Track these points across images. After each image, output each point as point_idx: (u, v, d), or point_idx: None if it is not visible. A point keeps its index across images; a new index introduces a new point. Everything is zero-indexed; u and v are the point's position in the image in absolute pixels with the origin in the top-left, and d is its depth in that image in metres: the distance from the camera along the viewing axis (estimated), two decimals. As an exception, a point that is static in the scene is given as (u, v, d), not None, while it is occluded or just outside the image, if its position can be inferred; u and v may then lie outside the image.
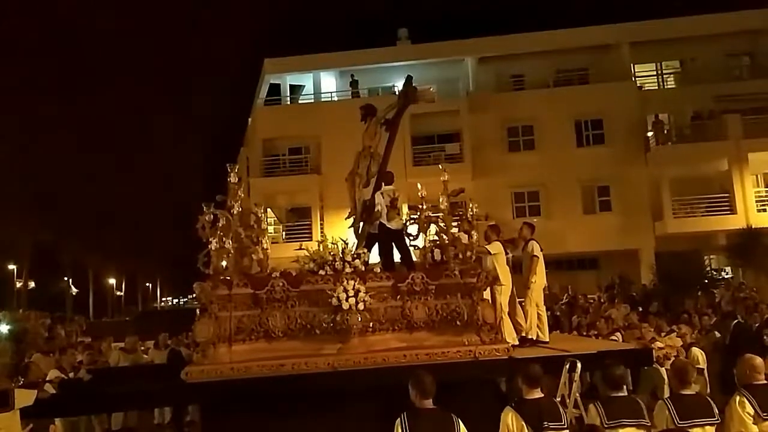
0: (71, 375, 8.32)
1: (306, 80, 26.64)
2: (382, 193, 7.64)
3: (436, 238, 7.28)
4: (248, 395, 6.02)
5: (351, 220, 8.36)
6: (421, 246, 7.44)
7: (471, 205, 7.15)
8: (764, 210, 21.46)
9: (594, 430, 3.81)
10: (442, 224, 7.12)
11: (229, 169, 6.78)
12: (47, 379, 7.51)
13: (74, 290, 42.74)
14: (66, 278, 43.73)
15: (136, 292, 63.46)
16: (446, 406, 4.34)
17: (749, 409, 4.37)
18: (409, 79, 8.63)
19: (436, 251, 7.24)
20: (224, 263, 6.41)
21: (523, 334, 7.77)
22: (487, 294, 7.11)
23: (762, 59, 24.06)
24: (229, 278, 6.36)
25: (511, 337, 7.42)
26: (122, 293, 59.32)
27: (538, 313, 8.01)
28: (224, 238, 6.44)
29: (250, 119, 27.16)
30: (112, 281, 56.04)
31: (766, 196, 22.08)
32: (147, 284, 69.95)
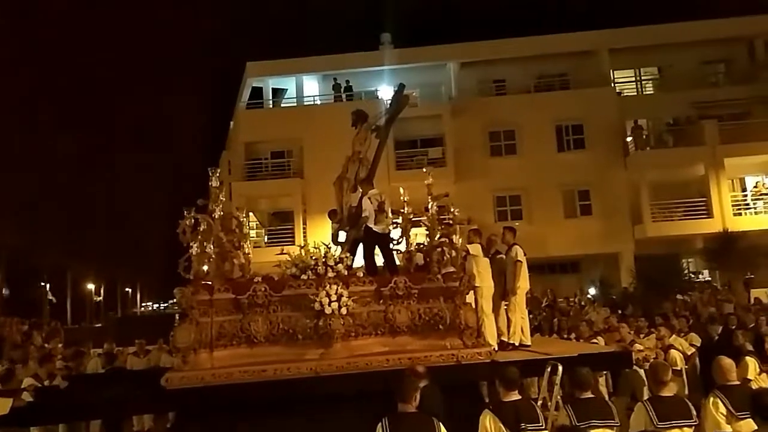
0: (47, 383, 8.14)
1: (289, 84, 26.56)
2: (369, 198, 7.65)
3: (420, 242, 7.31)
4: (230, 401, 5.96)
5: (332, 233, 8.37)
6: (404, 250, 7.46)
7: (453, 209, 7.18)
8: (740, 214, 21.86)
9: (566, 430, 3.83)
10: (426, 228, 7.15)
11: (210, 173, 6.73)
12: (22, 386, 7.36)
13: (52, 298, 41.92)
14: (43, 284, 42.89)
15: (116, 297, 62.48)
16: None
17: (722, 409, 4.47)
18: (401, 87, 8.69)
19: (419, 255, 7.27)
20: (205, 268, 6.37)
21: (503, 339, 7.79)
22: (470, 297, 7.15)
23: (737, 66, 24.60)
24: (210, 283, 6.32)
25: (493, 340, 7.45)
26: (101, 299, 58.32)
27: (521, 317, 8.04)
28: (205, 243, 6.40)
29: (232, 122, 26.99)
30: (91, 286, 55.10)
31: (741, 201, 22.52)
32: (126, 289, 68.91)
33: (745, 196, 22.76)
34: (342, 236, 8.22)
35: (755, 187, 22.88)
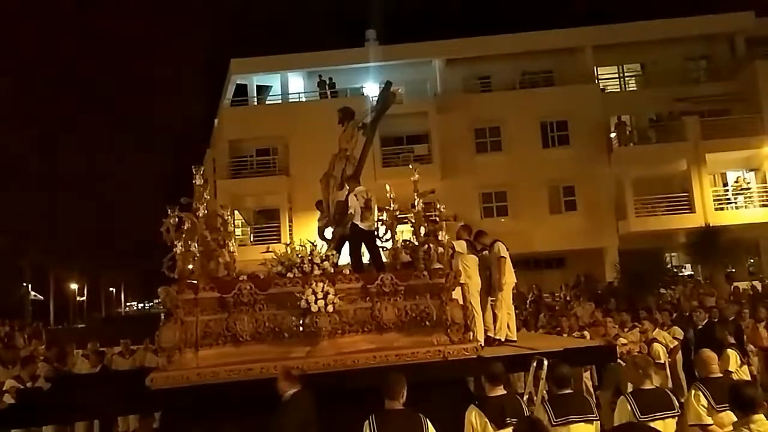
0: (29, 384, 8.02)
1: (273, 81, 26.40)
2: (355, 195, 7.63)
3: (406, 238, 7.31)
4: (216, 401, 5.92)
5: (319, 226, 8.35)
6: (390, 247, 7.45)
7: (439, 206, 7.19)
8: (721, 209, 22.18)
9: (533, 423, 3.78)
10: (412, 225, 7.16)
11: (194, 171, 6.67)
12: (4, 389, 7.25)
13: (37, 296, 41.29)
14: (24, 284, 42.25)
15: (100, 297, 61.80)
16: (416, 406, 4.36)
17: (703, 401, 4.54)
18: (388, 85, 8.68)
19: (406, 252, 7.28)
20: (190, 267, 6.30)
21: (490, 335, 7.83)
22: (456, 294, 7.16)
23: (718, 63, 24.92)
24: (195, 282, 6.26)
25: (481, 336, 7.49)
26: (84, 298, 57.60)
27: (507, 313, 8.08)
28: (190, 242, 6.33)
29: (216, 120, 26.78)
30: (74, 286, 54.41)
31: (723, 195, 22.85)
32: (111, 289, 68.18)
33: (727, 191, 23.11)
34: (329, 233, 8.21)
35: (736, 182, 23.23)
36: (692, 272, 21.65)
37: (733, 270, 20.14)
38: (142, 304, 78.32)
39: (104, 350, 10.57)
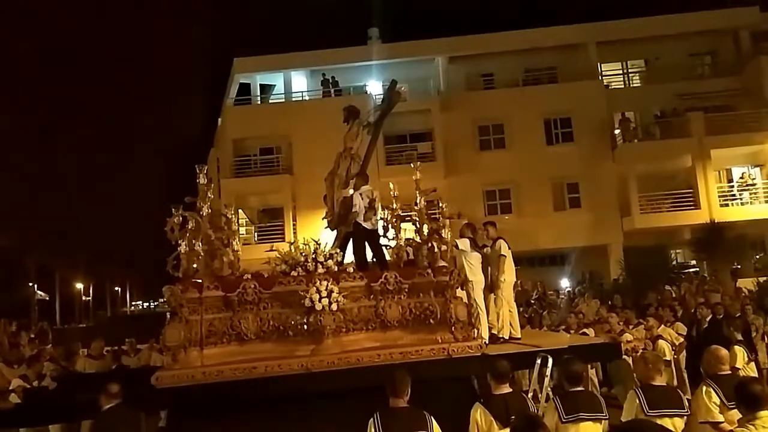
0: (35, 383, 8.06)
1: (276, 80, 26.41)
2: (360, 194, 7.64)
3: (410, 237, 7.32)
4: (221, 399, 5.94)
5: (327, 220, 8.36)
6: (394, 245, 7.46)
7: (442, 204, 7.19)
8: (727, 205, 22.08)
9: (530, 419, 3.71)
10: (415, 223, 7.16)
11: (198, 170, 6.68)
12: (10, 388, 7.29)
13: (43, 295, 41.46)
14: (30, 284, 42.43)
15: (105, 296, 61.97)
16: (420, 404, 4.35)
17: (715, 398, 4.48)
18: (393, 83, 8.68)
19: (409, 250, 7.28)
20: (194, 266, 6.31)
21: (494, 332, 7.83)
22: (461, 292, 7.16)
23: (723, 58, 24.79)
24: (199, 281, 6.28)
25: (485, 333, 7.48)
26: (90, 298, 57.76)
27: (509, 310, 8.08)
28: (194, 241, 6.35)
29: (219, 119, 26.82)
30: (80, 286, 54.57)
31: (728, 192, 22.74)
32: (116, 288, 68.36)
33: (732, 187, 22.99)
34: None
35: (741, 178, 23.10)
36: (697, 269, 21.57)
37: (739, 266, 20.04)
38: (147, 304, 78.47)
39: (108, 349, 10.60)
